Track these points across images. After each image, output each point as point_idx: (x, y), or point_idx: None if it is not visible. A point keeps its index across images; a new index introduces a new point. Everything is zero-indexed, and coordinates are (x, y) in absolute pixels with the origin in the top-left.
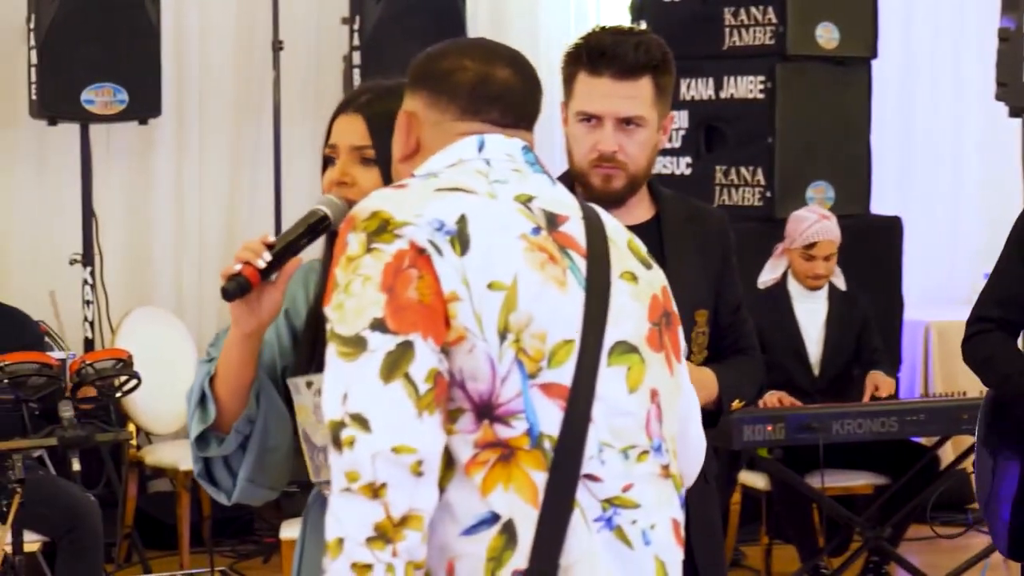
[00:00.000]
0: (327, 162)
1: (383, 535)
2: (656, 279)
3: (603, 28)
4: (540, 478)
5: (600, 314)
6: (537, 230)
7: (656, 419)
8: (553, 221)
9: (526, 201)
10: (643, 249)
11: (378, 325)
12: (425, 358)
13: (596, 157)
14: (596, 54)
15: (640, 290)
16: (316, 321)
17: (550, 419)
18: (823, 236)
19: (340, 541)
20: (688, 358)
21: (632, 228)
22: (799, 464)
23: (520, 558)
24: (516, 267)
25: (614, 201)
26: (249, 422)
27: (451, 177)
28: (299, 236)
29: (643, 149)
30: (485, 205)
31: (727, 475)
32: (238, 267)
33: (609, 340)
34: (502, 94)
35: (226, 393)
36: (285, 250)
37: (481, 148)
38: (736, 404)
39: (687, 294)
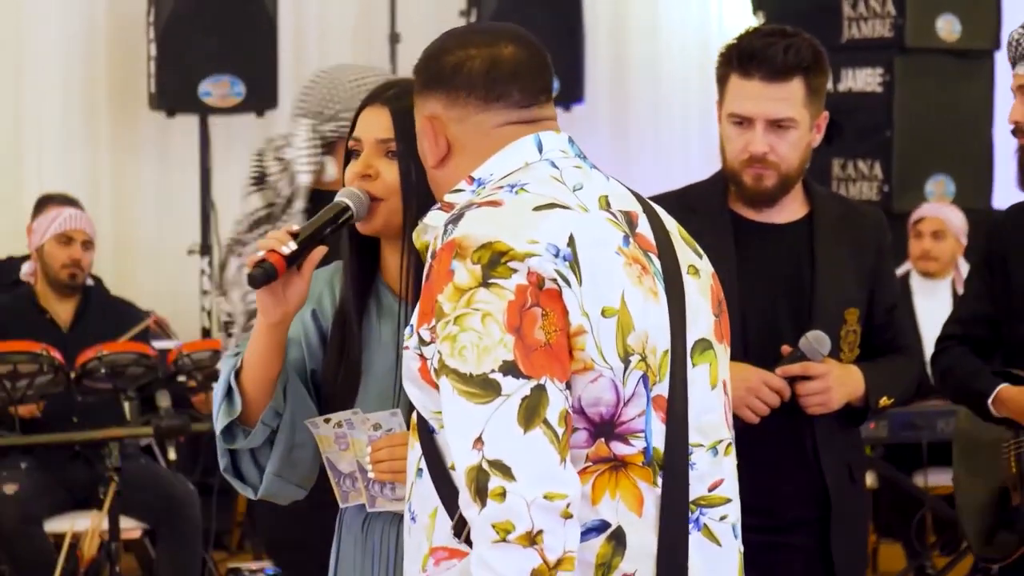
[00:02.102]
0: (350, 155)
1: None
2: (709, 268)
3: (755, 30)
4: (645, 488)
5: (681, 316)
6: (627, 239)
7: (729, 409)
8: (631, 222)
9: (607, 206)
10: (688, 236)
11: (510, 369)
12: (557, 401)
13: (747, 158)
14: (746, 57)
15: (703, 283)
16: (343, 323)
17: (657, 432)
18: (929, 213)
19: None
20: (837, 356)
21: (785, 226)
22: (908, 462)
23: (628, 564)
24: (621, 286)
25: (766, 200)
26: (276, 415)
27: (539, 190)
28: (323, 226)
29: (794, 149)
30: (583, 221)
31: None
32: (262, 254)
33: (690, 340)
34: (515, 72)
35: (252, 385)
36: (309, 239)
37: (540, 148)
38: (884, 402)
39: (837, 292)
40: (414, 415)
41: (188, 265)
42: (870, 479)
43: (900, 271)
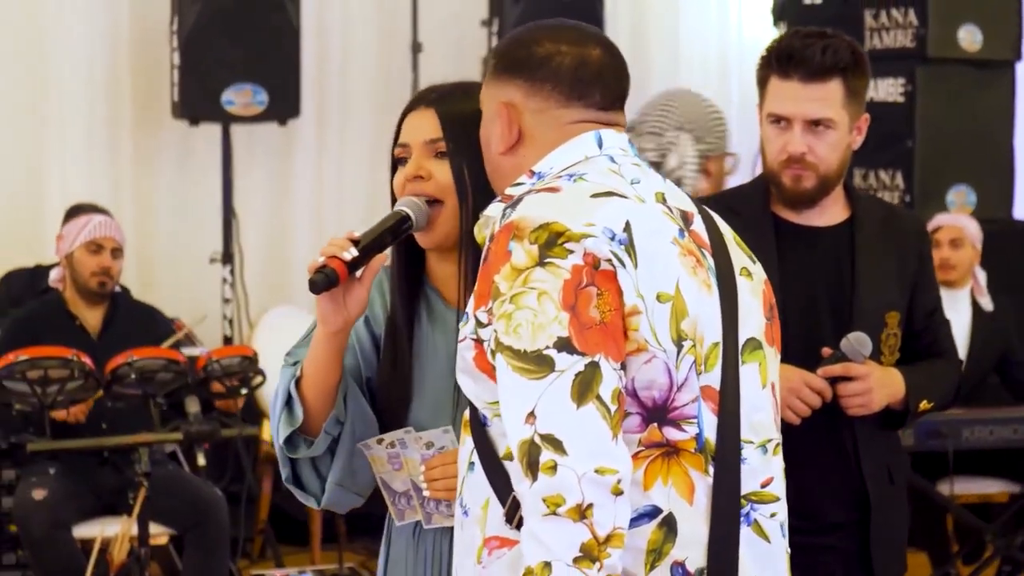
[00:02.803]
0: (397, 163)
1: (589, 555)
2: (762, 274)
3: (795, 31)
4: (696, 476)
5: (733, 313)
6: (682, 232)
7: (778, 411)
8: (686, 219)
9: (663, 200)
10: (742, 242)
11: (564, 345)
12: (611, 379)
13: (786, 159)
14: (785, 57)
15: (755, 286)
16: (394, 333)
17: (708, 423)
18: (946, 222)
19: (547, 564)
20: (878, 360)
21: (826, 229)
22: (931, 470)
23: (679, 550)
24: (676, 274)
25: (805, 201)
26: (338, 423)
27: (598, 180)
28: (384, 233)
29: (834, 150)
30: (639, 210)
31: None
32: (321, 260)
33: (741, 338)
34: (600, 75)
35: (313, 394)
36: (370, 246)
37: (600, 144)
38: (924, 405)
39: (878, 295)
40: (466, 412)
41: (210, 273)
42: None
43: None
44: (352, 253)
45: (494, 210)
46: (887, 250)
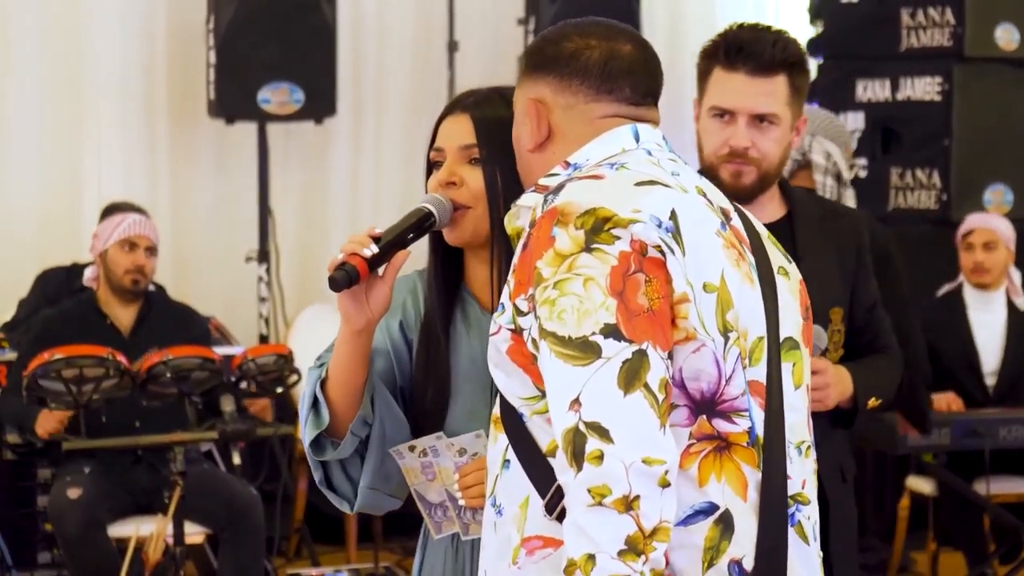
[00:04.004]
0: (432, 166)
1: (634, 547)
2: (798, 274)
3: (741, 25)
4: (748, 472)
5: (775, 310)
6: (724, 225)
7: (809, 414)
8: (726, 215)
9: (703, 194)
10: (778, 242)
11: (611, 331)
12: (658, 367)
13: (727, 152)
14: (733, 49)
15: (792, 285)
16: (429, 338)
17: (757, 418)
18: (978, 224)
19: (591, 557)
20: (823, 356)
21: (764, 226)
22: (967, 469)
23: (736, 548)
24: (721, 265)
25: (744, 198)
26: (365, 424)
27: (640, 169)
28: (406, 230)
29: (777, 147)
30: (684, 200)
31: (895, 480)
32: (341, 257)
33: (781, 336)
34: (631, 69)
35: (339, 395)
36: (391, 243)
37: (637, 138)
38: (872, 403)
39: (822, 292)
40: (496, 408)
41: (246, 272)
42: (928, 487)
43: (951, 285)
44: (372, 250)
45: (528, 199)
46: (826, 246)
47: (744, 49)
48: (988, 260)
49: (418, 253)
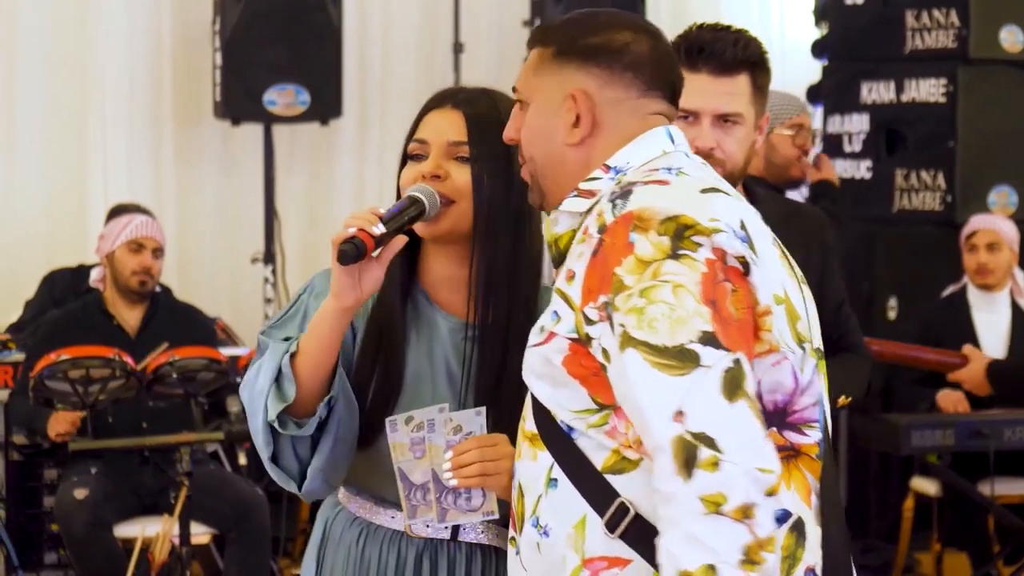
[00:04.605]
0: (410, 158)
1: (751, 557)
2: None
3: (702, 25)
4: (812, 481)
5: (812, 320)
6: (773, 237)
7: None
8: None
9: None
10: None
11: (709, 339)
12: (751, 377)
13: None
14: (695, 50)
15: (807, 294)
16: (379, 329)
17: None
18: (981, 225)
19: (711, 567)
20: None
21: None
22: (971, 470)
23: (810, 555)
24: (782, 276)
25: None
26: (327, 405)
27: (697, 174)
28: (403, 216)
29: (741, 146)
30: (746, 209)
31: (899, 481)
32: (352, 230)
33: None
34: (672, 66)
35: (309, 372)
36: (394, 226)
37: (673, 140)
38: (842, 401)
39: None
40: (528, 424)
41: (252, 273)
42: (933, 488)
43: (955, 287)
44: (380, 229)
45: (572, 205)
46: (792, 246)
47: (705, 49)
48: (992, 261)
49: None
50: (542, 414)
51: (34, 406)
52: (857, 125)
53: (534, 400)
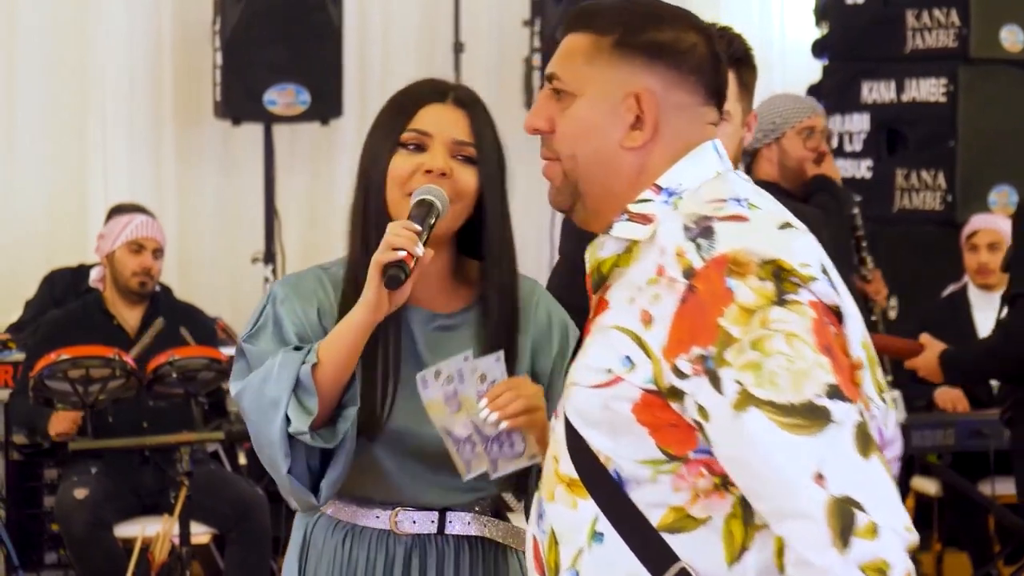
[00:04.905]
0: (402, 145)
1: None
2: None
3: None
4: None
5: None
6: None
7: None
8: None
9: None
10: None
11: (835, 393)
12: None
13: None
14: None
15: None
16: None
17: None
18: (982, 225)
19: None
20: None
21: None
22: (972, 470)
23: None
24: (857, 318)
25: None
26: (345, 418)
27: (767, 206)
28: (429, 226)
29: (729, 143)
30: (817, 245)
31: (899, 481)
32: (401, 254)
33: None
34: (723, 74)
35: (331, 384)
36: (425, 239)
37: (719, 155)
38: None
39: None
40: (564, 466)
41: (252, 273)
42: (933, 488)
43: (956, 286)
44: (422, 250)
45: (623, 231)
46: None
47: None
48: (992, 261)
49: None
50: (587, 458)
51: (34, 406)
52: (858, 125)
53: (574, 441)
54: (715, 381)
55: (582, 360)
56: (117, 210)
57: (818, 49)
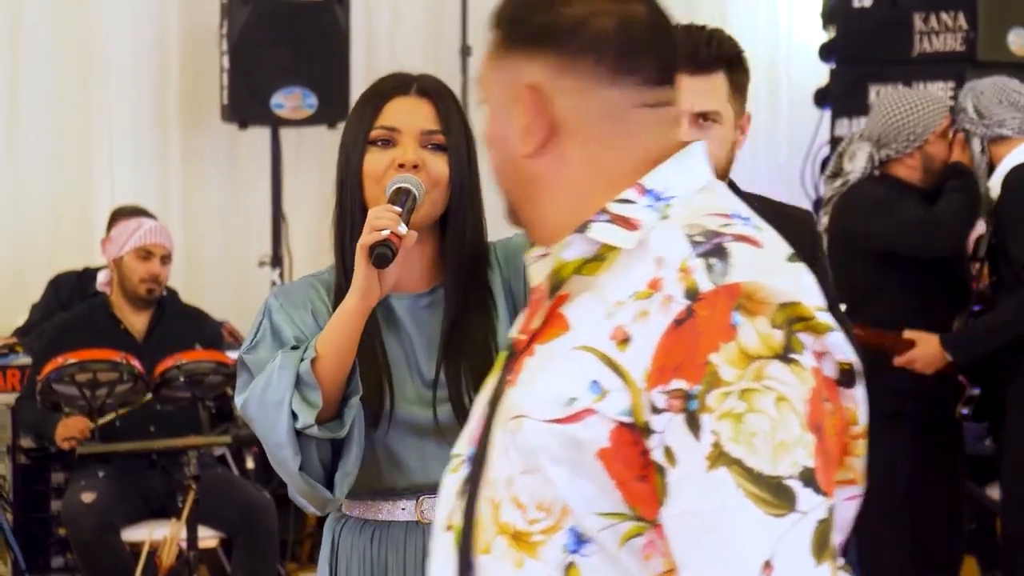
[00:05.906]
0: (371, 143)
1: None
2: None
3: (675, 25)
4: None
5: None
6: None
7: None
8: None
9: None
10: None
11: (810, 480)
12: (835, 528)
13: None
14: None
15: None
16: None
17: None
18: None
19: None
20: None
21: None
22: (981, 474)
23: None
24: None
25: None
26: (350, 407)
27: (768, 230)
28: (408, 211)
29: (721, 146)
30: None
31: None
32: (385, 233)
33: None
34: (652, 39)
35: (333, 375)
36: (407, 222)
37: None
38: None
39: None
40: (507, 512)
41: (259, 276)
42: None
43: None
44: (405, 229)
45: (601, 233)
46: None
47: (679, 48)
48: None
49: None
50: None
51: (41, 410)
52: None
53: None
54: (693, 425)
55: (530, 387)
56: (119, 213)
57: (825, 52)
